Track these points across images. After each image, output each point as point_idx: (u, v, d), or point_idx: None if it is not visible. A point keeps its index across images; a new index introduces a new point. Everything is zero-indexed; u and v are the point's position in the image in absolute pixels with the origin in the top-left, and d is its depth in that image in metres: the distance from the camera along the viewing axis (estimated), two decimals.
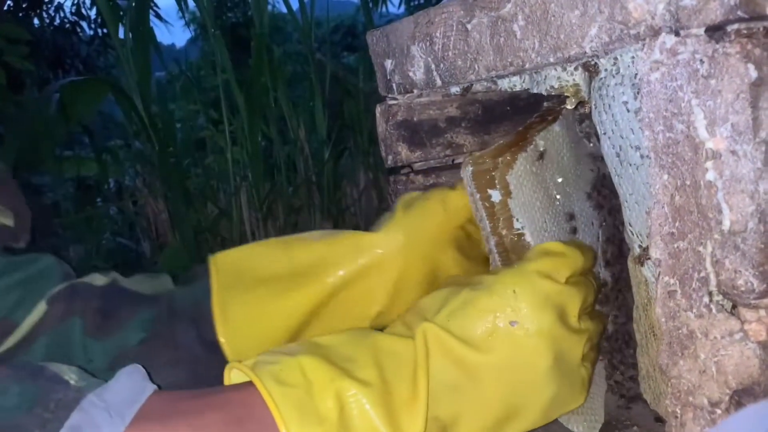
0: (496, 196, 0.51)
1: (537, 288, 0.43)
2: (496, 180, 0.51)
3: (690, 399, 0.37)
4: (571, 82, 0.49)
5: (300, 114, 1.59)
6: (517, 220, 0.51)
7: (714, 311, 0.36)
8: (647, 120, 0.37)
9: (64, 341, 0.52)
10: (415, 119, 0.61)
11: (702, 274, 0.36)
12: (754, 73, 0.33)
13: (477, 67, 0.49)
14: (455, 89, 0.58)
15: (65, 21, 5.73)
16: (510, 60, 0.46)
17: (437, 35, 0.52)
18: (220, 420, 0.37)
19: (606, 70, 0.45)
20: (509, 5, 0.45)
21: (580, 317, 0.45)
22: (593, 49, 0.40)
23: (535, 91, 0.52)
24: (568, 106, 0.50)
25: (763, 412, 0.28)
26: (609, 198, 0.57)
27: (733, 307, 0.37)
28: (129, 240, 1.88)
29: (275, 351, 0.41)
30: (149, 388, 0.38)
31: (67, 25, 5.78)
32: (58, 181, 2.05)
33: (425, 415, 0.39)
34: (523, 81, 0.54)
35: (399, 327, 0.45)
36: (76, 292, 0.54)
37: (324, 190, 1.50)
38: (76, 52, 5.62)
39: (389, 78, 0.61)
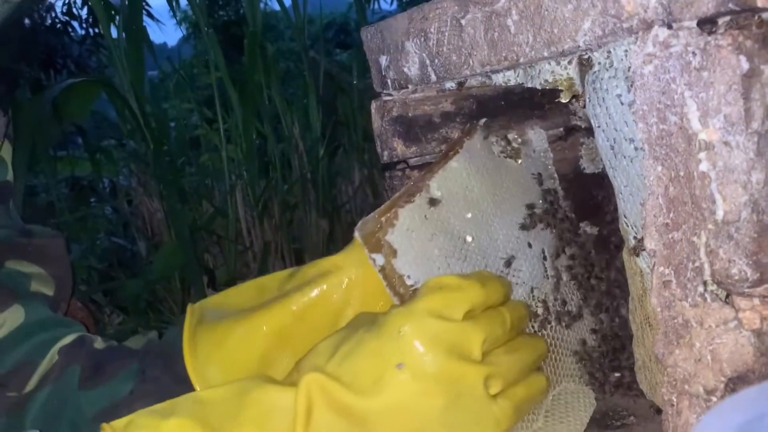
0: (379, 259, 0.47)
1: (424, 327, 0.41)
2: (381, 242, 0.48)
3: (686, 387, 0.38)
4: (565, 75, 0.50)
5: (294, 111, 1.59)
6: (409, 277, 0.48)
7: (708, 300, 0.37)
8: (641, 112, 0.38)
9: (62, 389, 0.53)
10: (410, 115, 0.61)
11: (696, 263, 0.37)
12: (746, 65, 0.33)
13: (471, 62, 0.49)
14: (450, 84, 0.58)
15: (56, 21, 5.70)
16: (504, 54, 0.46)
17: (431, 31, 0.52)
18: None
19: (599, 63, 0.46)
20: (503, 0, 0.45)
21: (487, 352, 0.43)
22: (587, 43, 0.41)
23: (530, 86, 0.52)
24: (562, 99, 0.50)
25: (756, 394, 0.29)
26: (557, 215, 0.54)
27: (727, 296, 0.37)
28: (124, 239, 1.87)
29: (155, 410, 0.41)
30: None
31: (59, 25, 5.75)
32: (52, 182, 2.04)
33: None
34: (518, 75, 0.54)
35: (294, 373, 0.44)
36: (83, 342, 0.56)
37: (319, 187, 1.50)
38: (67, 52, 5.60)
39: (384, 74, 0.61)
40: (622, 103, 0.44)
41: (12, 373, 0.54)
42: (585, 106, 0.49)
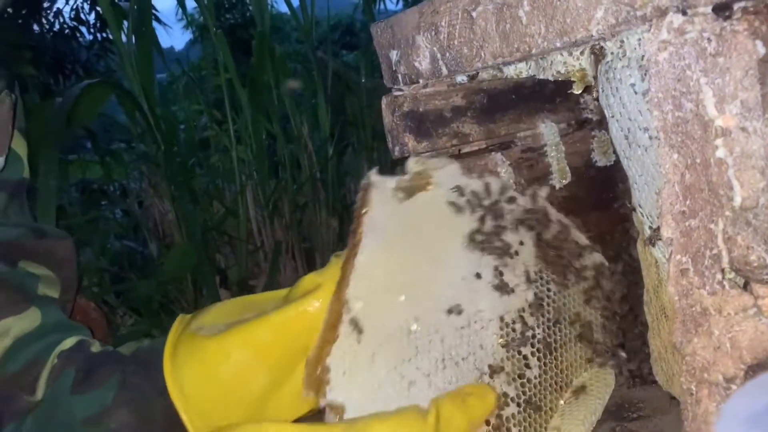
0: (330, 418, 0.45)
1: None
2: (325, 399, 0.45)
3: (705, 376, 0.38)
4: (578, 66, 0.49)
5: (303, 112, 1.60)
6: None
7: (727, 288, 0.37)
8: (656, 100, 0.37)
9: (57, 392, 0.53)
10: (421, 110, 0.61)
11: (714, 251, 0.37)
12: (762, 50, 0.33)
13: (483, 55, 0.49)
14: (461, 78, 0.58)
15: (65, 26, 5.75)
16: (516, 46, 0.46)
17: (442, 24, 0.52)
18: None
19: (612, 53, 0.45)
20: None
21: None
22: (600, 32, 0.40)
23: (542, 77, 0.52)
24: (575, 90, 0.50)
25: None
26: (503, 220, 0.50)
27: (746, 284, 0.37)
28: (135, 242, 1.88)
29: None
30: None
31: (67, 31, 5.79)
32: (62, 185, 2.05)
33: None
34: (529, 67, 0.54)
35: None
36: (81, 346, 0.56)
37: (329, 186, 1.50)
38: (76, 57, 5.64)
39: (394, 69, 0.61)
40: (635, 92, 0.43)
41: (23, 373, 0.54)
42: (597, 97, 0.49)
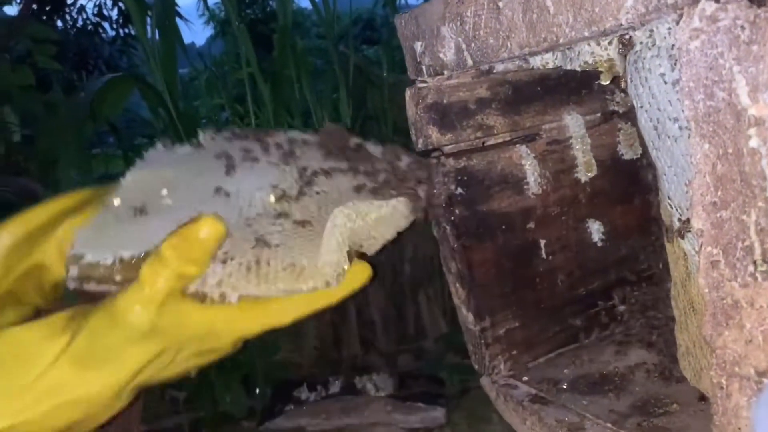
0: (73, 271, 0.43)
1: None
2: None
3: (736, 369, 0.37)
4: (606, 56, 0.49)
5: (324, 106, 1.60)
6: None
7: (759, 280, 0.36)
8: (687, 89, 0.37)
9: None
10: (445, 101, 0.61)
11: (746, 242, 0.36)
12: None
13: (509, 45, 0.49)
14: (485, 68, 0.58)
15: (87, 22, 5.82)
16: (543, 36, 0.46)
17: (468, 15, 0.52)
18: None
19: (641, 42, 0.45)
20: None
21: None
22: (629, 21, 0.40)
23: (569, 68, 0.51)
24: (602, 81, 0.50)
25: None
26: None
27: None
28: None
29: None
30: None
31: (90, 27, 5.86)
32: (86, 179, 2.08)
33: None
34: (556, 58, 0.53)
35: None
36: None
37: None
38: (99, 52, 5.70)
39: (419, 60, 0.61)
40: (665, 82, 0.43)
41: None
42: (625, 87, 0.48)
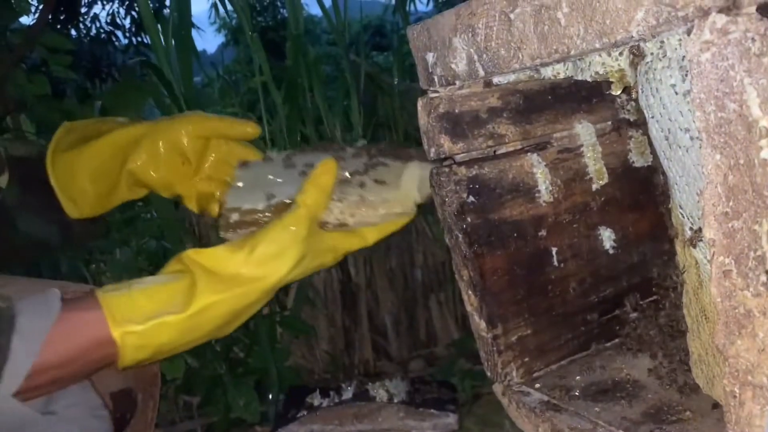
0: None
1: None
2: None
3: (749, 378, 0.37)
4: (616, 67, 0.49)
5: (335, 114, 1.61)
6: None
7: None
8: (698, 101, 0.37)
9: None
10: (457, 111, 0.61)
11: (758, 252, 0.36)
12: None
13: (521, 56, 0.50)
14: (497, 79, 0.58)
15: (101, 31, 5.88)
16: (555, 47, 0.46)
17: (479, 26, 0.53)
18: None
19: (652, 53, 0.45)
20: None
21: None
22: (640, 33, 0.40)
23: (579, 78, 0.52)
24: (613, 91, 0.50)
25: None
26: None
27: None
28: (171, 242, 1.92)
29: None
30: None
31: (103, 35, 5.92)
32: None
33: None
34: (567, 69, 0.54)
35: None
36: None
37: None
38: (112, 60, 5.76)
39: (431, 71, 0.61)
40: (676, 93, 0.43)
41: None
42: (637, 97, 0.49)
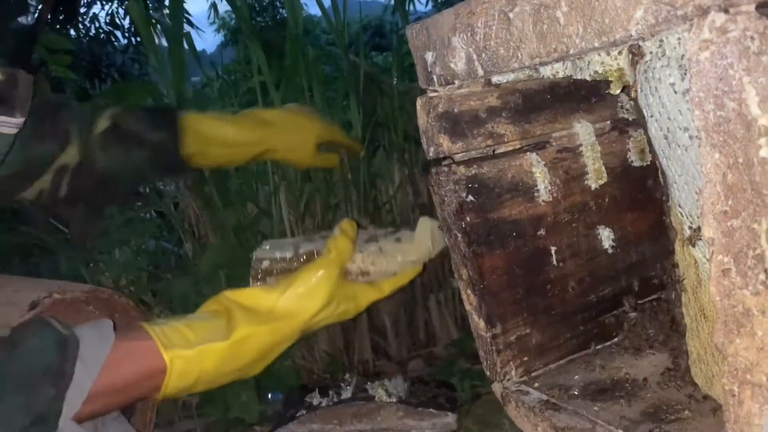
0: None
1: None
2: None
3: (748, 377, 0.37)
4: (615, 66, 0.49)
5: (334, 113, 1.61)
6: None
7: None
8: (697, 99, 0.37)
9: None
10: (456, 110, 0.61)
11: (757, 251, 0.36)
12: None
13: (520, 55, 0.50)
14: (497, 78, 0.58)
15: (100, 31, 5.89)
16: (554, 46, 0.46)
17: (479, 25, 0.53)
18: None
19: (651, 52, 0.45)
20: None
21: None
22: (639, 32, 0.40)
23: (579, 77, 0.52)
24: (612, 90, 0.50)
25: None
26: None
27: None
28: (170, 242, 1.92)
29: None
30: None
31: (102, 35, 5.93)
32: None
33: None
34: (566, 68, 0.54)
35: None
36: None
37: (360, 187, 1.51)
38: (111, 60, 5.77)
39: (430, 70, 0.61)
40: (675, 92, 0.43)
41: None
42: (635, 96, 0.49)
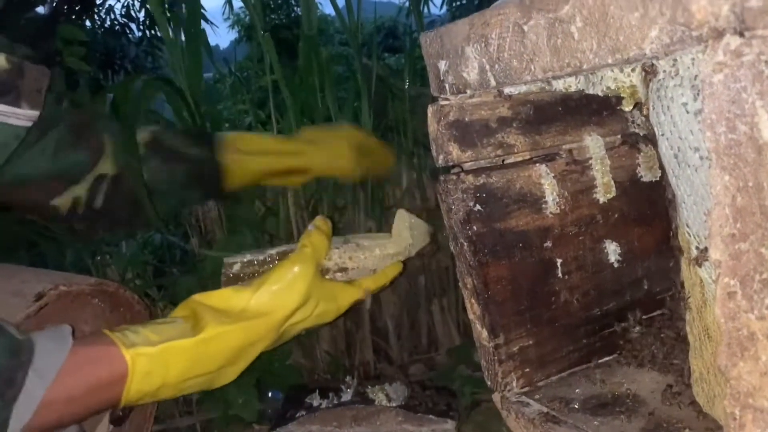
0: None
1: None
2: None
3: (750, 401, 0.37)
4: (628, 83, 0.49)
5: (345, 115, 1.60)
6: None
7: None
8: (709, 121, 0.37)
9: None
10: (467, 119, 0.61)
11: (764, 275, 0.36)
12: None
13: (533, 68, 0.50)
14: (509, 90, 0.59)
15: (115, 23, 5.92)
16: (567, 61, 0.46)
17: (493, 36, 0.53)
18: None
19: (664, 71, 0.45)
20: (567, 7, 0.45)
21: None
22: (653, 51, 0.40)
23: (591, 92, 0.52)
24: (624, 107, 0.50)
25: None
26: None
27: None
28: (176, 237, 1.92)
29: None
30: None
31: (117, 27, 5.96)
32: None
33: None
34: (579, 82, 0.54)
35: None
36: None
37: (367, 189, 1.50)
38: (125, 53, 5.80)
39: (442, 79, 0.62)
40: (687, 112, 0.43)
41: None
42: (648, 113, 0.49)
